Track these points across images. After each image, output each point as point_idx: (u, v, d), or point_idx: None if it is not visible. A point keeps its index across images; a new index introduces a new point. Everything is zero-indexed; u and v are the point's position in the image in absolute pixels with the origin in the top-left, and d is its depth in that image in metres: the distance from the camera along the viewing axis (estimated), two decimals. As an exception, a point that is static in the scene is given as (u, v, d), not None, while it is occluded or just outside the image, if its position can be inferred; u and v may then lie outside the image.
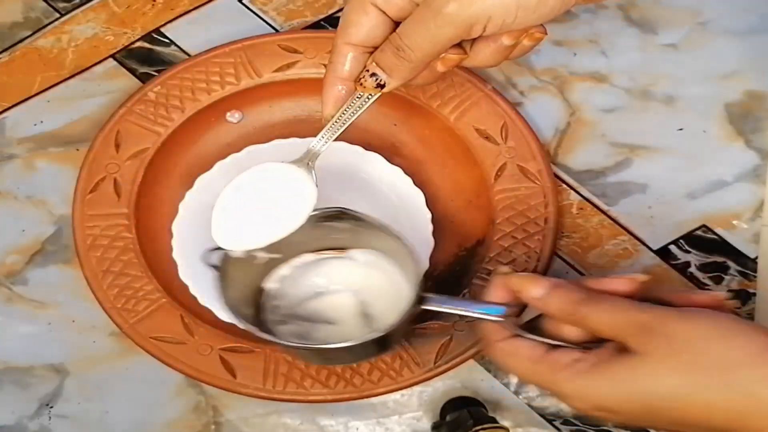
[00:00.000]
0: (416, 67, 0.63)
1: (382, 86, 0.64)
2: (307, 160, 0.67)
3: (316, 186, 0.66)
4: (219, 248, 0.66)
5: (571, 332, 0.62)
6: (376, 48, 0.64)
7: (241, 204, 0.66)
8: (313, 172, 0.66)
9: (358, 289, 0.69)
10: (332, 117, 0.66)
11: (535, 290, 0.62)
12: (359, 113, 0.65)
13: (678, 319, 0.58)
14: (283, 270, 0.70)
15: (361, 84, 0.64)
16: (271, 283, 0.70)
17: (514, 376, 0.65)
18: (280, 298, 0.70)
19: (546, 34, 0.65)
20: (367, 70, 0.64)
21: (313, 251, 0.70)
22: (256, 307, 0.69)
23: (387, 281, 0.69)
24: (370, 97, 0.65)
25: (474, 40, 0.64)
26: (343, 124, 0.65)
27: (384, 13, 0.63)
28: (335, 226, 0.69)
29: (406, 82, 0.64)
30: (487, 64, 0.66)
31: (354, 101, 0.65)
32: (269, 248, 0.67)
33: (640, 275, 0.63)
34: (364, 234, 0.68)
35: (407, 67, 0.63)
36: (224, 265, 0.67)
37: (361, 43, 0.64)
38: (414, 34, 0.62)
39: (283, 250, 0.69)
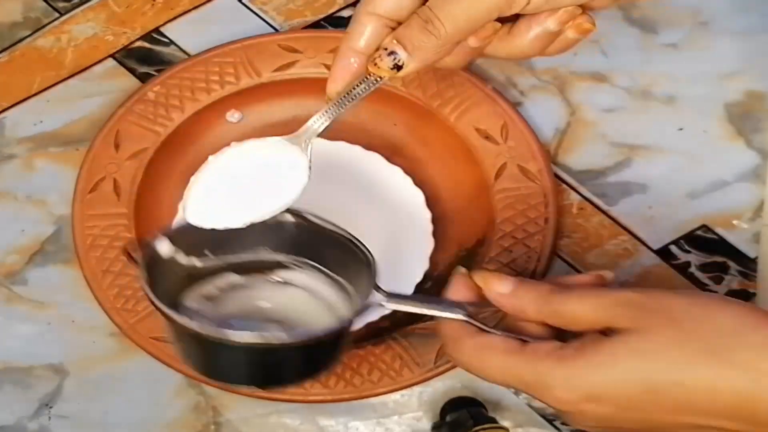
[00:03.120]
0: (443, 45, 0.56)
1: (400, 68, 0.57)
2: (304, 138, 0.60)
3: (310, 167, 0.60)
4: (156, 238, 0.60)
5: (537, 330, 0.58)
6: (400, 24, 0.57)
7: (222, 178, 0.61)
8: (309, 150, 0.60)
9: (286, 317, 0.63)
10: (338, 94, 0.59)
11: (502, 286, 0.59)
12: (364, 95, 0.58)
13: (668, 294, 0.55)
14: (206, 288, 0.64)
15: (375, 63, 0.57)
16: (189, 302, 0.63)
17: (487, 376, 0.58)
18: (196, 318, 0.60)
19: (595, 26, 0.59)
20: (385, 48, 0.57)
21: (242, 270, 0.64)
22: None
23: (319, 306, 0.63)
24: (377, 80, 0.58)
25: (516, 20, 0.58)
26: (346, 103, 0.59)
27: None
28: (283, 226, 0.62)
29: (427, 65, 0.57)
30: (525, 51, 0.60)
31: (359, 84, 0.58)
32: (186, 248, 0.61)
33: (607, 272, 0.60)
34: (308, 239, 0.63)
35: (434, 45, 0.56)
36: (149, 262, 0.59)
37: (387, 14, 0.57)
38: (448, 4, 0.55)
39: (205, 255, 0.63)
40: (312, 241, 0.63)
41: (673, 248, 0.76)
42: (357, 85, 0.58)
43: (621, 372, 0.53)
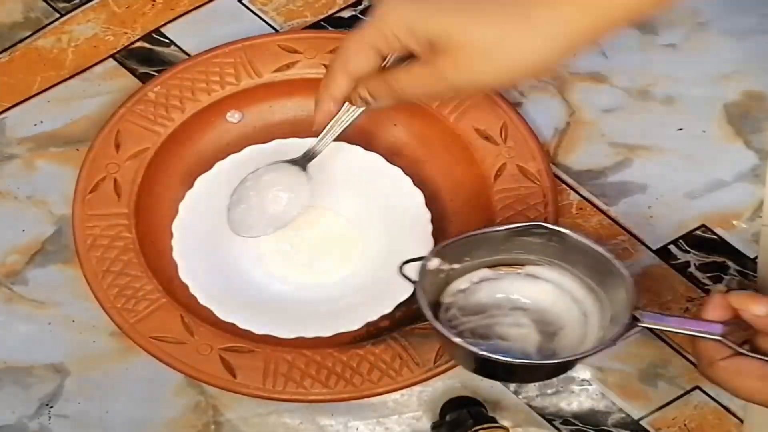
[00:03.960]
0: (403, 101, 0.68)
1: (369, 104, 0.69)
2: (302, 161, 0.73)
3: (308, 184, 0.73)
4: (416, 259, 0.68)
5: None
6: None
7: (248, 198, 0.73)
8: (306, 171, 0.73)
9: (533, 305, 0.70)
10: (321, 131, 0.71)
11: (758, 308, 0.63)
12: (350, 122, 0.71)
13: None
14: (460, 284, 0.70)
15: (351, 101, 0.69)
16: (448, 297, 0.70)
17: (743, 396, 0.63)
18: (455, 310, 0.69)
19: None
20: (358, 92, 0.69)
21: (491, 266, 0.70)
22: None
23: (565, 298, 0.69)
24: (355, 111, 0.71)
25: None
26: (336, 130, 0.71)
27: (381, 54, 0.67)
28: (527, 240, 0.69)
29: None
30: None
31: (346, 112, 0.71)
32: (450, 259, 0.69)
33: None
34: (557, 250, 0.69)
35: (395, 99, 0.68)
36: (421, 279, 0.67)
37: (356, 74, 0.68)
38: (410, 87, 0.66)
39: (465, 261, 0.69)
40: (566, 251, 0.69)
41: (673, 248, 0.76)
42: (340, 117, 0.71)
43: None
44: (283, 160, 0.73)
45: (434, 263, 0.68)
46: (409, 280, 0.67)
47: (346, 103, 0.70)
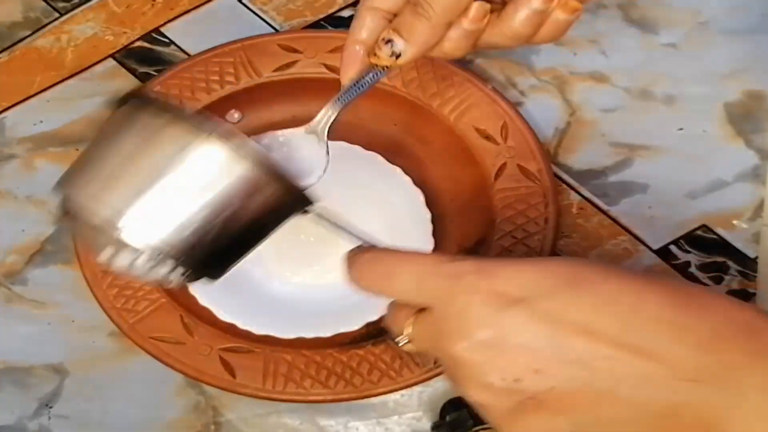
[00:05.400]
0: (435, 26, 0.58)
1: (398, 55, 0.59)
2: (318, 128, 0.64)
3: (328, 154, 0.64)
4: None
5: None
6: None
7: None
8: (325, 138, 0.64)
9: None
10: (351, 80, 0.62)
11: None
12: (372, 83, 0.62)
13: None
14: None
15: (375, 54, 0.60)
16: None
17: (396, 286, 0.51)
18: None
19: (582, 5, 0.58)
20: (383, 38, 0.59)
21: None
22: None
23: None
24: (383, 70, 0.61)
25: (503, 5, 0.59)
26: (357, 91, 0.62)
27: None
28: None
29: (426, 50, 0.59)
30: (517, 36, 0.59)
31: (367, 73, 0.62)
32: None
33: None
34: None
35: (426, 27, 0.58)
36: None
37: (385, 7, 0.60)
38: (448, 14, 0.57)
39: None
40: None
41: (673, 248, 0.76)
42: (365, 75, 0.61)
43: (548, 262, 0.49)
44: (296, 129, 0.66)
45: None
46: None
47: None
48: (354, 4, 0.87)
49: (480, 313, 0.48)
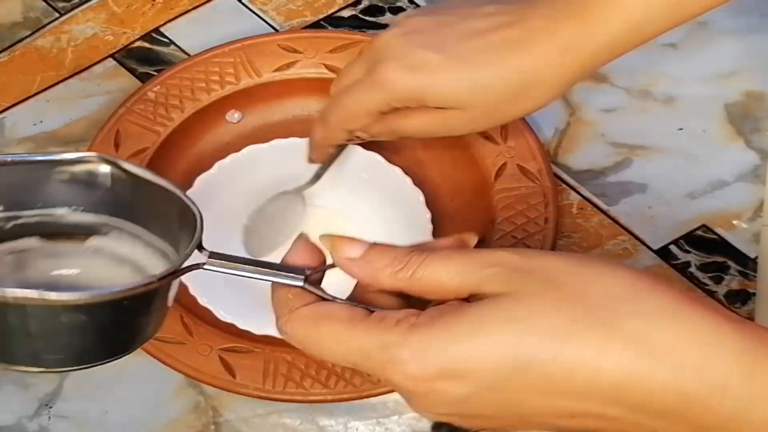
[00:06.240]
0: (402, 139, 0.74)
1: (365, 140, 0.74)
2: (300, 191, 0.76)
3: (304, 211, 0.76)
4: None
5: (389, 302, 0.50)
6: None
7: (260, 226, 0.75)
8: (303, 198, 0.76)
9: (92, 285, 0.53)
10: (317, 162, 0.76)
11: (351, 249, 0.51)
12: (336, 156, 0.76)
13: (548, 254, 0.48)
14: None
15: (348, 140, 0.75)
16: None
17: (324, 352, 0.50)
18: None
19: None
20: (355, 134, 0.73)
21: (46, 232, 0.54)
22: None
23: (130, 272, 0.55)
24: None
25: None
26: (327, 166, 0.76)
27: (383, 112, 0.71)
28: (97, 179, 0.53)
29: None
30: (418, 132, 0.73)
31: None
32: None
33: (470, 235, 0.53)
34: (128, 195, 0.54)
35: (394, 138, 0.73)
36: None
37: (357, 131, 0.72)
38: (413, 131, 0.71)
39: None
40: (132, 197, 0.54)
41: (673, 248, 0.76)
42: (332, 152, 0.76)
43: (488, 343, 0.45)
44: (283, 192, 0.76)
45: None
46: None
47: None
48: (354, 4, 0.87)
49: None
